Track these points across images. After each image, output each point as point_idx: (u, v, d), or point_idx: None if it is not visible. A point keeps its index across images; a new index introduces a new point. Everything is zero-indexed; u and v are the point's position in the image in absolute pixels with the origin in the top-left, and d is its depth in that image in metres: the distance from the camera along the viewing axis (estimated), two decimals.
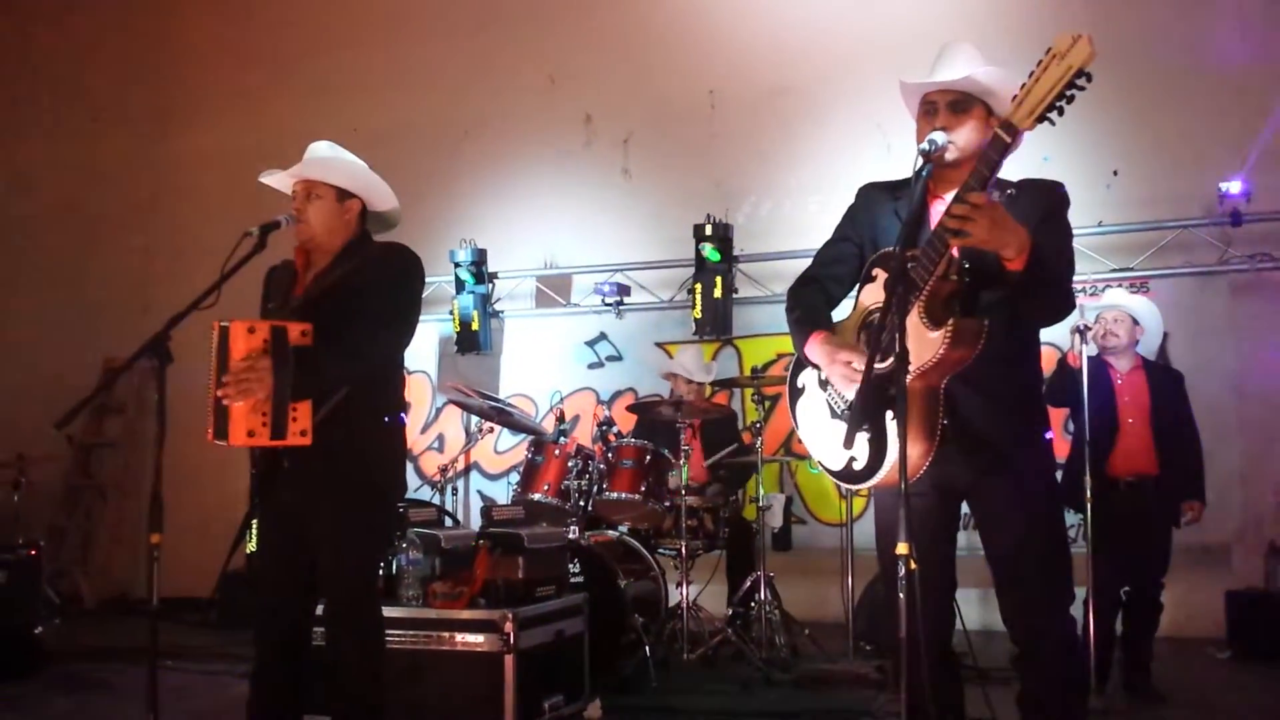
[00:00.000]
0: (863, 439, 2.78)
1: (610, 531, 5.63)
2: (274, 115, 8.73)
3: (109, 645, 6.46)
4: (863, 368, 2.76)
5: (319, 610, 3.45)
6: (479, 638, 4.17)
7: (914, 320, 2.63)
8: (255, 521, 7.57)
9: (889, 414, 2.70)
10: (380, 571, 4.19)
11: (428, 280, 3.93)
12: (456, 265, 7.98)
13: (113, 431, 9.28)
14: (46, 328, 9.24)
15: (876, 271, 2.85)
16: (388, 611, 3.66)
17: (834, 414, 2.93)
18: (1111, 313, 4.89)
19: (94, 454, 9.30)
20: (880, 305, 2.74)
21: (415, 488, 7.66)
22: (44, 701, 5.25)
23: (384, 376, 3.44)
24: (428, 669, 4.20)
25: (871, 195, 3.06)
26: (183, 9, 9.68)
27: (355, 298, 3.28)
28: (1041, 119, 2.48)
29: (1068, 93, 2.45)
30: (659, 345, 7.80)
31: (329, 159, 3.48)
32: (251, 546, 7.49)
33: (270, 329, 3.06)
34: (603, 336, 8.10)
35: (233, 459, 6.88)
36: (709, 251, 7.28)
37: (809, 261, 3.18)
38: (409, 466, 7.15)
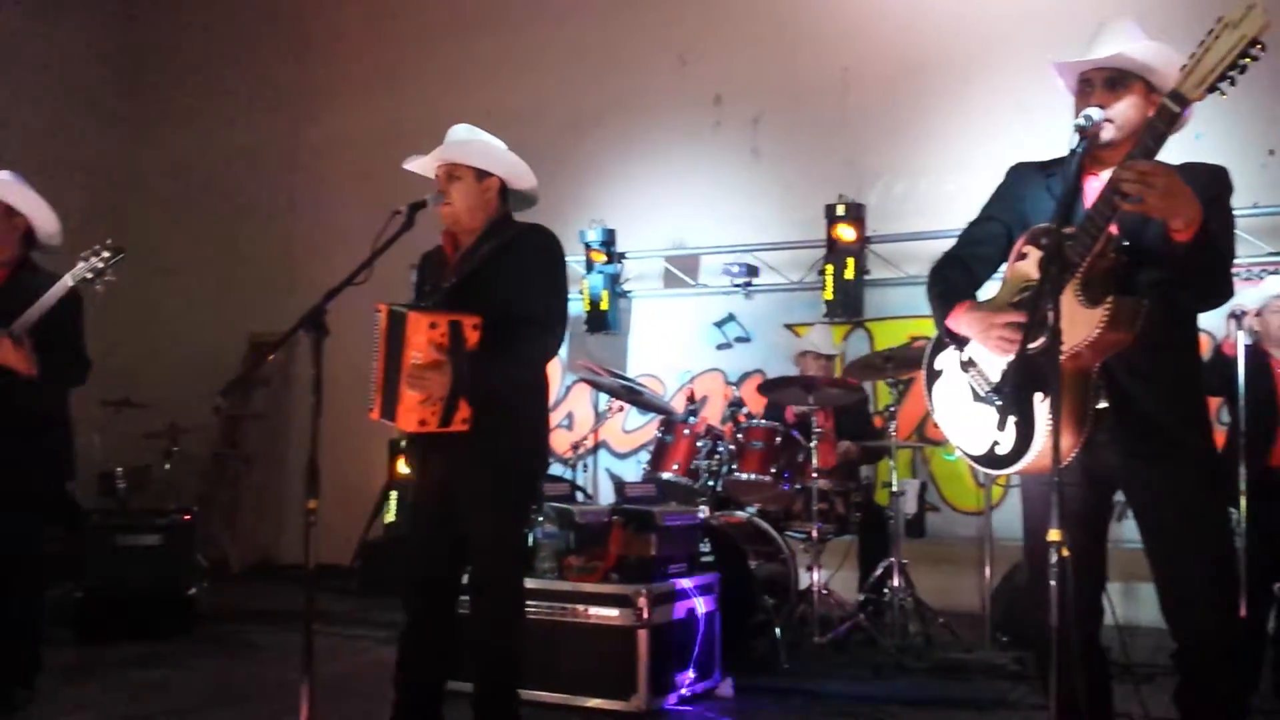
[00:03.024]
0: (1009, 422, 2.72)
1: (739, 512, 5.62)
2: (411, 99, 8.94)
3: (254, 608, 6.76)
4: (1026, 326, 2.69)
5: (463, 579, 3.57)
6: (613, 611, 4.23)
7: (1069, 298, 2.55)
8: (393, 493, 7.85)
9: (1038, 396, 2.63)
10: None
11: None
12: (586, 245, 8.05)
13: (258, 404, 9.66)
14: (196, 306, 9.68)
15: (1027, 249, 2.77)
16: (526, 582, 3.75)
17: (977, 397, 2.86)
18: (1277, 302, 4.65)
19: (240, 425, 9.70)
20: (1032, 283, 2.67)
21: None
22: (197, 659, 5.51)
23: None
24: (562, 640, 4.29)
25: (1022, 174, 2.98)
26: None
27: (503, 279, 3.39)
28: (1212, 89, 2.39)
29: (1240, 62, 2.36)
30: (788, 327, 7.73)
31: (467, 141, 3.59)
32: (390, 517, 7.79)
33: (449, 324, 3.19)
34: (731, 317, 8.07)
35: (371, 432, 7.13)
36: (841, 232, 7.19)
37: (945, 242, 3.12)
38: None
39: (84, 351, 4.43)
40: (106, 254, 4.23)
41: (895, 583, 5.38)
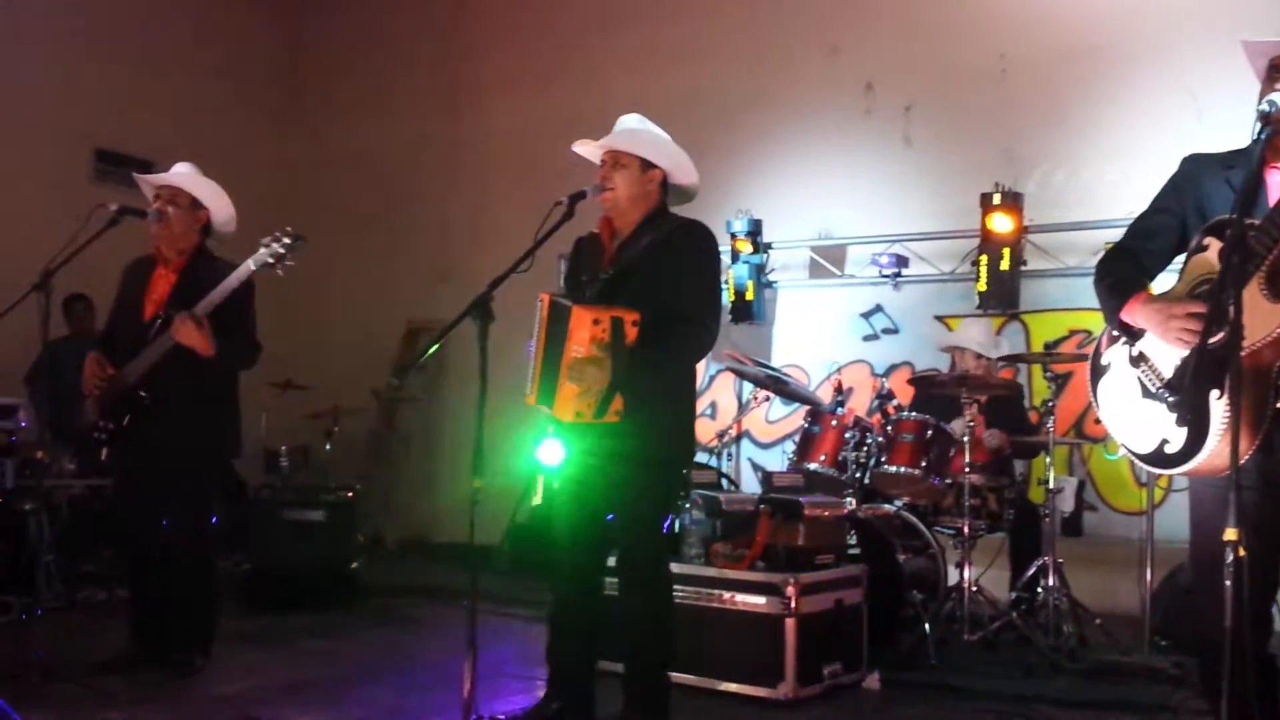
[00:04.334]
0: (1183, 420, 2.63)
1: (887, 505, 5.56)
2: (564, 92, 9.08)
3: (410, 583, 7.01)
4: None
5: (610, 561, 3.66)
6: (760, 599, 4.25)
7: (1252, 291, 2.47)
8: (540, 476, 8.01)
9: (1214, 394, 2.54)
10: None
11: None
12: (733, 235, 8.06)
13: (414, 387, 9.97)
14: (355, 294, 10.06)
15: (1208, 241, 2.68)
16: (672, 567, 3.81)
17: (1146, 393, 2.78)
18: None
19: (397, 408, 10.04)
20: (1212, 275, 2.58)
21: None
22: (359, 631, 5.77)
23: None
24: (708, 625, 4.33)
25: (1199, 165, 2.88)
26: None
27: (662, 275, 3.45)
28: None
29: None
30: (938, 319, 7.60)
31: (636, 130, 3.65)
32: (536, 499, 7.97)
33: (611, 320, 3.27)
34: (878, 308, 7.97)
35: (518, 415, 7.32)
36: (997, 222, 7.01)
37: (1106, 233, 3.06)
38: None
39: (255, 335, 4.67)
40: (288, 240, 4.42)
41: (1050, 582, 5.24)
